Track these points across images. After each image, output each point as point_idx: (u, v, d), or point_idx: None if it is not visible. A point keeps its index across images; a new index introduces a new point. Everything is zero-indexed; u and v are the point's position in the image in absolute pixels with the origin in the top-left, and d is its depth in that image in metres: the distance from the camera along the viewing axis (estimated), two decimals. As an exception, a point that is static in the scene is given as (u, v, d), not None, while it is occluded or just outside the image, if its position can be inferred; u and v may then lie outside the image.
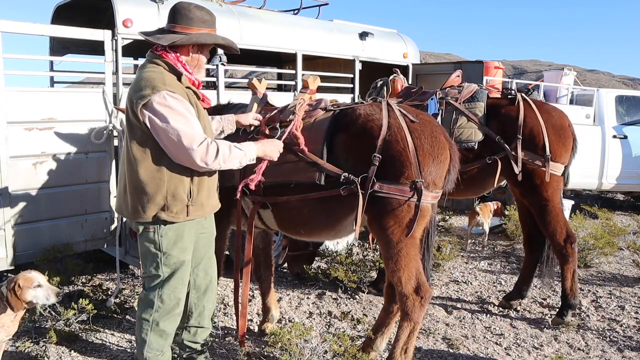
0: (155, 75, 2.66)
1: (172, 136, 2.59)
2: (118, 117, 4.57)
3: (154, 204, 2.69)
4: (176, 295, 2.89)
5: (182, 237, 2.82)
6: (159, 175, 2.68)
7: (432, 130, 3.11)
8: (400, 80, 5.03)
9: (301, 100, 3.39)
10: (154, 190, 2.68)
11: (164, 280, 2.84)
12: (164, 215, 2.71)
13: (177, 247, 2.81)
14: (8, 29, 4.09)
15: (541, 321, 4.40)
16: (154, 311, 2.86)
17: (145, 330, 2.88)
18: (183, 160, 2.66)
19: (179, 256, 2.83)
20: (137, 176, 2.69)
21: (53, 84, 6.01)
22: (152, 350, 2.91)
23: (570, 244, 4.22)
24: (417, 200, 2.96)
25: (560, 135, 4.33)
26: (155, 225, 2.75)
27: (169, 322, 2.92)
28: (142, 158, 2.68)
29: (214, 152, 2.66)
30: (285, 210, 3.28)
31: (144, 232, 2.80)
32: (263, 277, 4.01)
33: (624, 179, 8.36)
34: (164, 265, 2.81)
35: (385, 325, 3.48)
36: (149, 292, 2.88)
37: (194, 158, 2.62)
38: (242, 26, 5.51)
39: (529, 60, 45.44)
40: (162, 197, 2.69)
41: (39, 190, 4.28)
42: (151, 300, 2.85)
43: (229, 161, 2.74)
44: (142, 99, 2.60)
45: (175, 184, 2.71)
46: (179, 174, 2.71)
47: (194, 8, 2.80)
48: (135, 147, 2.69)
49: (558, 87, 8.73)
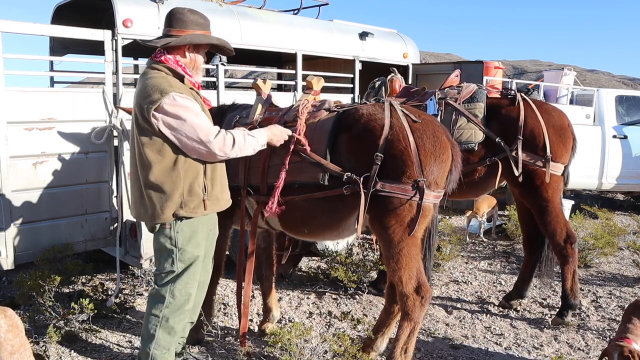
0: (160, 80, 2.76)
1: (189, 133, 2.71)
2: (118, 117, 4.57)
3: (172, 203, 2.78)
4: (187, 290, 2.95)
5: (196, 232, 2.91)
6: (175, 174, 2.78)
7: (434, 130, 3.11)
8: (398, 80, 5.03)
9: (305, 102, 3.40)
10: (171, 189, 2.77)
11: (177, 275, 2.90)
12: (182, 212, 2.80)
13: (192, 243, 2.90)
14: (8, 29, 4.08)
15: (541, 321, 4.40)
16: (164, 307, 2.90)
17: (154, 326, 2.92)
18: (202, 154, 2.78)
19: (193, 251, 2.91)
20: (153, 178, 2.77)
21: (53, 84, 6.00)
22: (159, 347, 2.94)
23: (571, 244, 4.22)
24: (419, 199, 2.97)
25: (561, 135, 4.32)
26: (171, 221, 2.83)
27: (178, 319, 2.97)
28: (157, 160, 2.76)
29: (230, 142, 2.79)
30: (289, 210, 3.29)
31: (161, 229, 2.87)
32: (264, 277, 4.01)
33: (624, 179, 8.37)
34: (179, 260, 2.89)
35: (386, 326, 3.49)
36: (161, 287, 2.92)
37: (213, 149, 2.74)
38: (242, 26, 5.51)
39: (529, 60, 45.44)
40: (180, 195, 2.79)
41: (39, 190, 4.27)
42: (162, 296, 2.91)
43: (244, 148, 2.88)
44: (153, 103, 2.69)
45: (191, 180, 2.81)
46: (193, 171, 2.82)
47: (187, 12, 2.90)
48: (149, 151, 2.77)
49: (558, 87, 8.73)
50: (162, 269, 2.93)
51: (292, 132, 3.21)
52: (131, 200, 3.03)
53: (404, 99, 4.51)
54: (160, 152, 2.76)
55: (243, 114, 3.65)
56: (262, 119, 3.49)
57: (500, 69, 8.56)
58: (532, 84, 8.97)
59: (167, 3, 4.88)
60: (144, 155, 2.78)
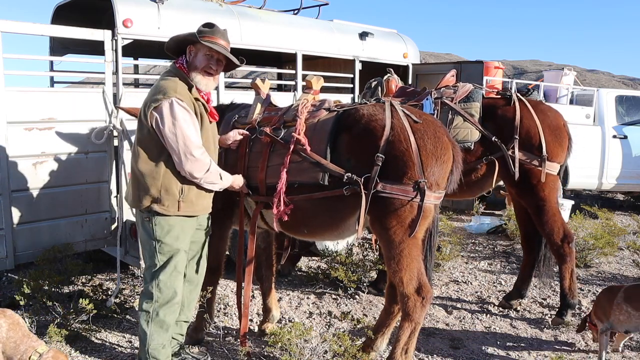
0: (169, 84, 2.95)
1: (172, 140, 2.88)
2: (118, 117, 4.56)
3: (148, 195, 2.97)
4: (172, 283, 3.07)
5: (173, 226, 3.03)
6: (156, 170, 2.95)
7: (435, 130, 3.11)
8: (394, 80, 5.03)
9: (304, 101, 3.40)
10: (150, 183, 2.96)
11: (160, 268, 3.04)
12: (157, 207, 2.97)
13: (170, 236, 3.02)
14: (8, 29, 4.08)
15: (541, 321, 4.40)
16: (153, 302, 3.05)
17: (146, 322, 3.06)
18: (177, 162, 2.93)
19: (172, 244, 3.03)
20: (137, 168, 2.98)
21: (53, 84, 6.00)
22: (153, 342, 3.06)
23: (568, 243, 4.22)
24: (420, 200, 2.96)
25: (556, 135, 4.34)
26: (149, 213, 3.01)
27: (168, 312, 3.08)
28: (144, 153, 2.97)
29: (204, 167, 2.94)
30: (289, 210, 3.28)
31: (143, 222, 3.06)
32: (264, 277, 4.01)
33: (624, 179, 8.37)
34: (159, 253, 3.03)
35: (386, 326, 3.48)
36: (148, 283, 3.09)
37: (184, 164, 2.90)
38: (242, 26, 5.51)
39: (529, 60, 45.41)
40: (157, 190, 2.96)
41: (39, 190, 4.27)
42: (150, 292, 3.05)
43: (209, 180, 3.02)
44: (155, 102, 2.90)
45: (169, 180, 2.97)
46: (173, 172, 2.97)
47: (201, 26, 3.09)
48: (140, 143, 2.99)
49: (558, 87, 8.73)
50: (147, 263, 3.10)
51: (292, 132, 3.22)
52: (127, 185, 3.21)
53: (401, 99, 4.51)
54: (148, 147, 2.96)
55: (242, 113, 3.65)
56: (261, 118, 3.49)
57: (500, 69, 8.57)
58: (532, 84, 8.96)
59: (167, 3, 4.88)
60: (135, 146, 3.01)
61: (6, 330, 2.73)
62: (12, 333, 2.75)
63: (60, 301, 3.98)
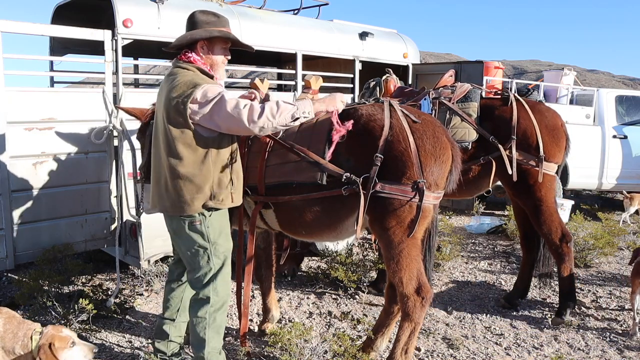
0: (191, 77, 2.83)
1: (221, 110, 2.73)
2: (118, 117, 4.57)
3: (202, 194, 2.84)
4: (227, 285, 3.01)
5: (225, 225, 3.00)
6: (205, 167, 2.84)
7: (434, 130, 3.11)
8: (392, 81, 5.02)
9: None
10: (202, 181, 2.83)
11: (216, 272, 2.95)
12: (212, 203, 2.86)
13: (223, 235, 2.98)
14: (8, 29, 4.08)
15: (541, 321, 4.40)
16: (209, 307, 2.94)
17: (204, 329, 2.95)
18: (233, 127, 2.79)
19: (225, 244, 2.99)
20: (184, 170, 2.82)
21: (53, 84, 6.00)
22: (211, 348, 2.98)
23: (566, 243, 4.23)
24: (419, 200, 2.96)
25: (554, 135, 4.34)
26: (201, 216, 2.88)
27: (222, 316, 3.02)
28: (189, 153, 2.81)
29: (257, 110, 2.73)
30: (287, 210, 3.28)
31: (191, 226, 2.90)
32: (264, 277, 4.01)
33: (624, 179, 8.37)
34: (214, 256, 2.94)
35: (386, 326, 3.49)
36: (203, 289, 2.95)
37: (242, 118, 2.71)
38: (242, 26, 5.51)
39: (529, 60, 45.42)
40: (210, 187, 2.86)
41: (39, 190, 4.27)
42: (207, 297, 2.94)
43: (278, 115, 2.76)
44: (188, 96, 2.75)
45: (220, 173, 2.88)
46: (222, 164, 2.89)
47: (198, 13, 2.96)
48: (181, 146, 2.81)
49: (558, 87, 8.73)
50: (199, 271, 2.95)
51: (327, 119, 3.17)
52: (153, 195, 3.03)
53: (399, 99, 4.51)
54: (191, 145, 2.81)
55: None
56: None
57: (500, 69, 8.57)
58: (532, 84, 8.96)
59: (167, 3, 4.88)
60: (176, 150, 2.81)
61: (2, 325, 2.77)
62: (8, 326, 2.79)
63: (60, 301, 3.98)
